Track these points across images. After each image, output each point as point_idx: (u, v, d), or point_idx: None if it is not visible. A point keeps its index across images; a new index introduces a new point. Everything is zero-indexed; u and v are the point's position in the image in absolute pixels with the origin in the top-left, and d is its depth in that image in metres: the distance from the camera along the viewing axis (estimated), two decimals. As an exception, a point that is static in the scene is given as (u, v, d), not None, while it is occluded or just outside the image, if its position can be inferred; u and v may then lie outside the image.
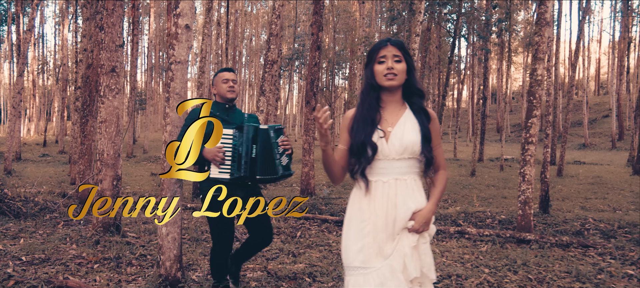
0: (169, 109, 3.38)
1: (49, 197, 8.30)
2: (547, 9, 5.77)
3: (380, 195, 2.12)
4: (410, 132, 2.12)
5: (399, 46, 2.16)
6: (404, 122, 2.15)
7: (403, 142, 2.10)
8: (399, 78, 2.13)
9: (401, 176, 2.12)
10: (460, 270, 4.47)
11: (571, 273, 4.40)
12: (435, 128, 2.21)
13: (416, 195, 2.15)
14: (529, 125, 5.89)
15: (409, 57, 2.18)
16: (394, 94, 2.18)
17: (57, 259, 4.45)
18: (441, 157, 2.23)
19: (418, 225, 2.09)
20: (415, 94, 2.19)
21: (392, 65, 2.12)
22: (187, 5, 3.31)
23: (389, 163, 2.12)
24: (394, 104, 2.19)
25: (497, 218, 7.63)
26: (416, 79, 2.20)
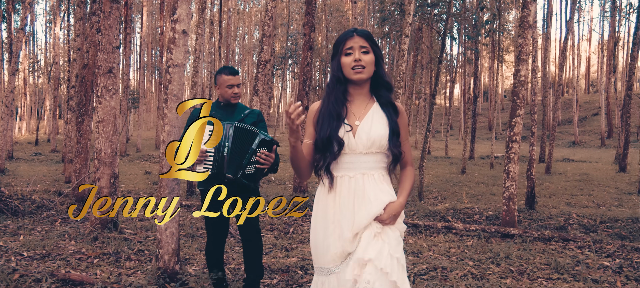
0: (167, 110, 3.56)
1: (44, 196, 8.43)
2: (530, 12, 5.99)
3: (346, 191, 2.05)
4: (378, 125, 2.06)
5: (365, 37, 2.08)
6: (372, 116, 2.08)
7: (371, 136, 2.04)
8: (367, 70, 2.06)
9: (368, 171, 2.06)
10: (445, 263, 4.68)
11: (550, 265, 4.62)
12: (404, 122, 2.15)
13: (387, 189, 2.08)
14: (513, 124, 6.11)
15: (376, 48, 2.11)
16: (362, 87, 2.12)
17: (57, 254, 4.61)
18: (409, 153, 2.18)
19: (387, 216, 2.02)
20: (383, 87, 2.12)
21: (360, 56, 2.04)
22: (184, 11, 3.49)
23: (356, 157, 2.05)
24: (362, 97, 2.13)
25: (485, 214, 7.86)
26: (384, 71, 2.14)
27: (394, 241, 2.03)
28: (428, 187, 12.05)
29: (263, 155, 3.18)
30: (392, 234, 2.04)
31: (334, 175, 2.08)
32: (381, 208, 2.02)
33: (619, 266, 4.62)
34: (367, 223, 2.01)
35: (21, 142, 31.63)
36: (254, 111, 3.58)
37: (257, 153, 3.19)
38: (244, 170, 3.28)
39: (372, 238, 2.00)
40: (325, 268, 2.09)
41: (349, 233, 2.02)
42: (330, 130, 2.03)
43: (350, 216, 2.03)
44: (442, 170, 16.96)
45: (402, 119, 2.14)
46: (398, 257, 2.02)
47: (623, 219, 7.37)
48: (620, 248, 5.26)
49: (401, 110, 2.15)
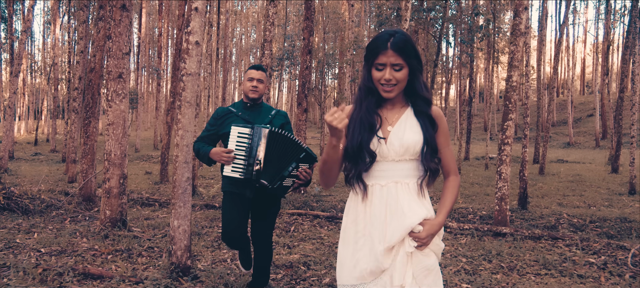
0: (181, 115, 3.81)
1: (51, 195, 8.66)
2: (522, 20, 6.27)
3: (377, 201, 1.91)
4: (412, 132, 1.92)
5: (400, 51, 1.86)
6: (405, 121, 1.95)
7: (404, 142, 1.90)
8: (398, 87, 1.91)
9: (402, 179, 1.92)
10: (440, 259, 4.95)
11: (539, 262, 4.90)
12: (443, 129, 2.00)
13: (422, 200, 1.95)
14: (505, 128, 6.39)
15: (412, 60, 1.90)
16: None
17: (72, 251, 4.85)
18: (451, 161, 2.02)
19: (425, 233, 1.87)
20: (419, 99, 1.97)
21: (391, 76, 1.88)
22: (197, 24, 3.74)
23: (388, 165, 1.92)
24: (395, 103, 2.00)
25: (479, 213, 8.15)
26: (421, 84, 1.97)
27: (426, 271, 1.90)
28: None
29: (304, 171, 3.13)
30: (427, 261, 1.91)
31: (366, 184, 1.94)
32: (416, 221, 1.86)
33: (603, 263, 4.91)
34: (401, 238, 1.86)
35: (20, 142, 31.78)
36: (280, 113, 3.53)
37: (299, 168, 3.12)
38: (282, 181, 3.20)
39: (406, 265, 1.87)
40: (351, 285, 1.93)
41: (381, 246, 1.87)
42: (361, 139, 1.90)
43: (382, 228, 1.89)
44: (438, 170, 17.23)
45: (441, 125, 1.99)
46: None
47: (612, 219, 7.67)
48: (606, 246, 5.55)
49: (439, 116, 1.99)
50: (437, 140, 1.97)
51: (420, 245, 1.87)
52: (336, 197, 10.28)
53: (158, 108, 29.14)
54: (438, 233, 1.94)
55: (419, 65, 1.94)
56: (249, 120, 3.38)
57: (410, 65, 1.90)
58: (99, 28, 8.20)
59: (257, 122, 3.38)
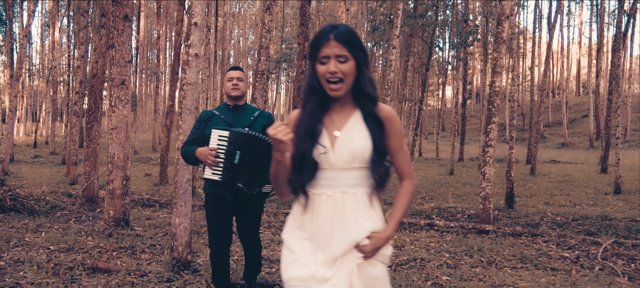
0: (182, 122, 4.14)
1: (54, 197, 8.97)
2: (504, 29, 6.61)
3: (324, 212, 1.81)
4: (359, 137, 1.81)
5: (344, 41, 1.76)
6: (353, 126, 1.84)
7: (351, 149, 1.79)
8: (345, 83, 1.79)
9: (350, 189, 1.81)
10: (424, 255, 5.29)
11: (516, 256, 5.24)
12: (395, 130, 1.88)
13: (370, 212, 1.84)
14: (489, 130, 6.73)
15: (358, 52, 1.80)
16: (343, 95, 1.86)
17: (79, 248, 5.17)
18: (405, 164, 1.91)
19: (370, 248, 1.78)
20: (364, 97, 1.84)
21: (336, 68, 1.76)
22: (196, 37, 4.07)
23: (335, 173, 1.81)
24: (342, 104, 1.88)
25: (467, 213, 8.49)
26: (367, 79, 1.84)
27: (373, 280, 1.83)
28: (417, 187, 12.67)
29: None
30: (373, 270, 1.83)
31: (311, 193, 1.84)
32: (362, 235, 1.79)
33: (576, 257, 5.25)
34: (344, 251, 1.79)
35: (20, 144, 32.02)
36: (264, 113, 3.52)
37: None
38: (260, 188, 3.21)
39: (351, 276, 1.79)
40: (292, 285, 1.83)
41: (324, 256, 1.80)
42: (304, 148, 1.80)
43: (327, 239, 1.81)
44: (431, 171, 17.59)
45: (392, 127, 1.87)
46: None
47: (593, 217, 8.02)
48: (581, 242, 5.89)
49: (390, 117, 1.87)
50: (388, 142, 1.87)
51: (366, 257, 1.79)
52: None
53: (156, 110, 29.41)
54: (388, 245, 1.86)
55: (365, 58, 1.83)
56: (230, 123, 3.41)
57: (356, 58, 1.79)
58: (101, 35, 8.52)
59: (239, 123, 3.40)
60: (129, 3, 6.16)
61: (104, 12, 8.46)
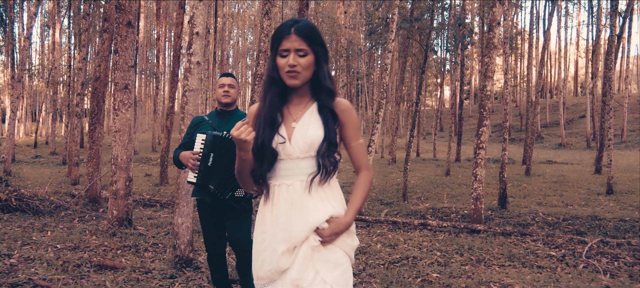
0: (184, 126, 4.35)
1: (58, 197, 9.17)
2: (495, 35, 6.83)
3: (283, 201, 1.88)
4: (314, 127, 1.88)
5: (305, 36, 1.84)
6: (309, 117, 1.90)
7: (307, 138, 1.86)
8: (302, 75, 1.86)
9: (307, 177, 1.87)
10: (417, 253, 5.50)
11: (505, 255, 5.46)
12: (350, 123, 1.95)
13: (330, 198, 1.90)
14: (480, 133, 6.95)
15: (318, 47, 1.89)
16: (301, 88, 1.93)
17: (85, 247, 5.38)
18: (360, 156, 1.96)
19: (329, 232, 1.83)
20: (323, 91, 1.92)
21: (295, 61, 1.83)
22: (198, 46, 4.28)
23: (293, 163, 1.88)
24: (301, 97, 1.95)
25: (461, 213, 8.70)
26: (325, 73, 1.92)
27: (331, 265, 1.84)
28: (413, 188, 12.89)
29: None
30: (332, 255, 1.85)
31: (271, 184, 1.91)
32: (321, 218, 1.84)
33: (562, 255, 5.47)
34: (305, 237, 1.83)
35: (20, 144, 32.19)
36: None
37: None
38: (234, 192, 3.24)
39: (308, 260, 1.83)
40: (260, 285, 1.93)
41: (284, 246, 1.85)
42: (263, 137, 1.87)
43: (286, 228, 1.85)
44: (428, 172, 17.81)
45: (348, 119, 1.94)
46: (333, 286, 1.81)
47: (583, 217, 8.24)
48: (568, 241, 6.11)
49: (346, 110, 1.94)
50: (344, 134, 1.94)
51: (324, 242, 1.84)
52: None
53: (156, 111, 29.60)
54: (349, 231, 1.91)
55: (324, 53, 1.92)
56: (216, 128, 3.47)
57: (316, 52, 1.88)
58: (104, 39, 8.73)
59: (226, 128, 3.44)
60: (132, 10, 6.37)
61: (106, 16, 8.67)
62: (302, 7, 10.94)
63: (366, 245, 5.89)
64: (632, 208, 9.37)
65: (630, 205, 9.85)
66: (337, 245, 1.86)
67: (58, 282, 3.83)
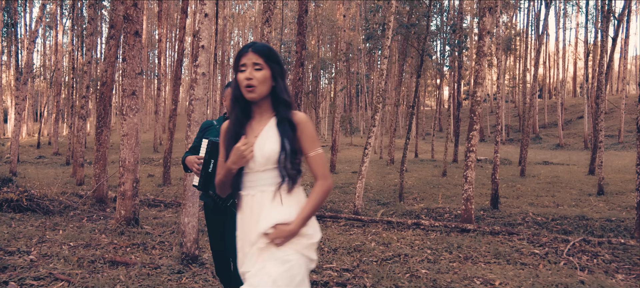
0: (191, 132, 4.69)
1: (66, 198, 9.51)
2: (485, 43, 7.16)
3: (248, 210, 2.09)
4: (271, 142, 2.04)
5: (260, 53, 2.05)
6: (267, 132, 2.07)
7: (264, 153, 2.03)
8: (258, 89, 2.04)
9: (267, 187, 2.06)
10: (408, 251, 5.84)
11: (491, 253, 5.79)
12: (307, 135, 2.09)
13: (283, 206, 2.05)
14: (471, 137, 7.28)
15: (274, 64, 2.08)
16: (261, 103, 2.11)
17: (96, 244, 5.72)
18: (319, 165, 2.09)
19: (273, 236, 1.99)
20: (281, 104, 2.09)
21: (251, 74, 2.03)
22: (203, 58, 4.62)
23: (255, 175, 2.07)
24: (262, 113, 2.13)
25: (454, 213, 9.04)
26: (282, 88, 2.10)
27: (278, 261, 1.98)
28: (409, 188, 13.22)
29: None
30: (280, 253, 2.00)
31: (241, 194, 2.13)
32: (268, 225, 2.01)
33: (545, 253, 5.81)
34: (256, 241, 2.04)
35: (23, 144, 32.51)
36: None
37: None
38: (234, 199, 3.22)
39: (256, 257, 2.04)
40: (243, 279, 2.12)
41: (247, 249, 2.08)
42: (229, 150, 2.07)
43: (250, 234, 2.07)
44: (425, 172, 18.15)
45: (304, 131, 2.08)
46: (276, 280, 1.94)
47: (571, 217, 8.57)
48: (553, 240, 6.45)
49: (302, 122, 2.09)
50: (301, 145, 2.09)
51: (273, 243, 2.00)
52: (338, 205, 11.16)
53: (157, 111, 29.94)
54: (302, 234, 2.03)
55: (280, 70, 2.10)
56: None
57: (272, 68, 2.06)
58: (110, 46, 9.07)
59: None
60: (139, 20, 6.71)
61: (113, 23, 9.01)
62: (302, 13, 11.30)
63: (361, 243, 6.23)
64: (620, 209, 9.70)
65: (619, 205, 10.18)
66: (288, 246, 2.00)
67: (76, 276, 4.17)
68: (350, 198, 11.27)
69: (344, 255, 5.62)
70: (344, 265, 5.13)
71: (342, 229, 7.40)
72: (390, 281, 4.48)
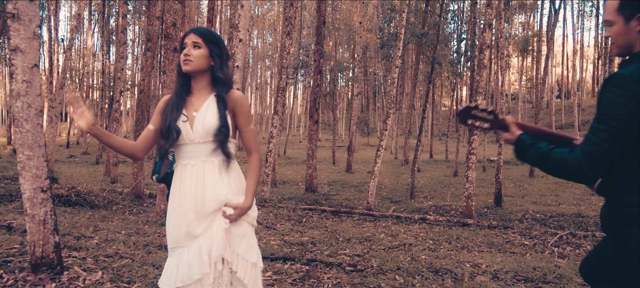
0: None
1: (109, 194, 10.54)
2: (485, 56, 7.94)
3: (189, 178, 2.26)
4: (211, 116, 2.25)
5: (200, 34, 2.28)
6: (207, 107, 2.28)
7: (205, 125, 2.24)
8: (194, 64, 2.26)
9: (208, 158, 2.27)
10: (412, 241, 6.67)
11: (486, 243, 6.59)
12: (242, 112, 2.34)
13: (224, 177, 2.30)
14: (472, 141, 8.07)
15: (212, 45, 2.30)
16: (199, 80, 2.34)
17: (143, 233, 6.67)
18: (251, 140, 2.37)
19: (234, 216, 2.26)
20: (218, 82, 2.32)
21: (189, 51, 2.25)
22: (240, 52, 5.51)
23: (195, 146, 2.27)
24: (202, 90, 2.34)
25: (459, 210, 9.82)
26: (220, 67, 2.32)
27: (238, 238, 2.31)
28: (420, 188, 14.01)
29: None
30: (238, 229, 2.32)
31: (180, 164, 2.32)
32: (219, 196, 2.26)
33: (534, 244, 6.58)
34: (213, 208, 2.26)
35: (53, 144, 33.96)
36: None
37: None
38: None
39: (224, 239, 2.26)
40: (174, 248, 2.30)
41: (192, 214, 2.25)
42: (170, 120, 2.27)
43: (193, 200, 2.25)
44: (437, 172, 18.88)
45: (240, 108, 2.34)
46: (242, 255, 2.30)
47: (568, 214, 9.30)
48: (543, 233, 7.22)
49: (238, 100, 2.34)
50: (237, 121, 2.36)
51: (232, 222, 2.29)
52: (342, 195, 12.03)
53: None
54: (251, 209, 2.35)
55: (219, 50, 2.33)
56: None
57: (210, 48, 2.29)
58: (147, 57, 10.07)
59: None
60: (178, 37, 7.66)
61: (149, 37, 10.00)
62: (320, 23, 12.17)
63: (371, 234, 7.08)
64: (617, 207, 10.34)
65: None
66: (243, 219, 2.34)
67: (137, 255, 5.10)
68: (364, 196, 12.11)
69: (356, 244, 6.47)
70: (355, 252, 5.98)
71: (355, 223, 8.25)
72: (394, 263, 5.32)
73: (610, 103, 1.77)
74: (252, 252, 2.33)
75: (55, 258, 3.99)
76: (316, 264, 5.19)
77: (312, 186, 12.20)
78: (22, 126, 3.67)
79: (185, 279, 2.21)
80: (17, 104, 3.64)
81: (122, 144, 2.30)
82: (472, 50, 13.47)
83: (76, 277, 4.10)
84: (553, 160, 1.92)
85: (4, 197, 9.51)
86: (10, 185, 11.63)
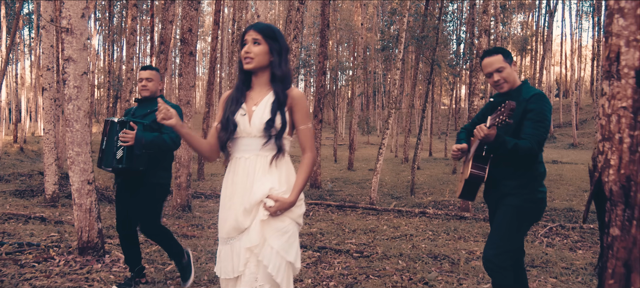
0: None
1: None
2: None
3: (241, 171, 2.27)
4: (270, 112, 2.24)
5: (260, 30, 2.26)
6: (266, 102, 2.26)
7: (263, 120, 2.23)
8: (255, 61, 2.25)
9: (262, 152, 2.26)
10: (413, 232, 7.20)
11: (480, 234, 7.12)
12: (300, 109, 2.32)
13: (274, 171, 2.27)
14: (469, 139, 8.59)
15: (272, 41, 2.27)
16: (260, 76, 2.32)
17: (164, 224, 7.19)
18: (306, 139, 2.33)
19: (274, 209, 2.19)
20: (277, 79, 2.28)
21: (250, 49, 2.24)
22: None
23: (251, 140, 2.26)
24: (261, 86, 2.33)
25: (457, 204, 10.35)
26: (279, 65, 2.29)
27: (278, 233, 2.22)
28: (420, 184, 14.55)
29: (125, 135, 3.48)
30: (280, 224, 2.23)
31: (234, 157, 2.32)
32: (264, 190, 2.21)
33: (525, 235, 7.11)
34: (256, 202, 2.21)
35: (58, 142, 34.46)
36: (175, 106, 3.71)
37: (119, 136, 3.51)
38: (116, 157, 3.57)
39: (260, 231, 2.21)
40: (224, 239, 2.31)
41: (241, 207, 2.23)
42: (229, 112, 2.29)
43: (243, 193, 2.25)
44: (437, 170, 19.41)
45: (298, 106, 2.31)
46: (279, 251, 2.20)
47: (560, 209, 9.82)
48: (534, 225, 7.75)
49: (297, 98, 2.31)
50: (294, 118, 2.33)
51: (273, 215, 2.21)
52: (345, 191, 12.57)
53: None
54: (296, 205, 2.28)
55: (278, 46, 2.30)
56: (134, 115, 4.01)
57: (269, 44, 2.27)
58: (160, 60, 10.58)
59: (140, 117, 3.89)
60: (193, 42, 8.18)
61: (162, 40, 10.51)
62: (324, 27, 12.68)
63: (375, 226, 7.61)
64: (607, 203, 10.87)
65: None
66: (286, 215, 2.26)
67: (163, 242, 5.63)
68: (367, 192, 12.63)
69: (361, 235, 7.00)
70: (361, 241, 6.51)
71: (359, 216, 8.78)
72: (397, 251, 5.85)
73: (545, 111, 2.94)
74: (291, 250, 2.25)
75: (99, 243, 4.52)
76: (326, 251, 5.73)
77: (317, 182, 12.74)
78: (73, 126, 4.20)
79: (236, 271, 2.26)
80: (68, 106, 4.17)
81: (200, 144, 2.36)
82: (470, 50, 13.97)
83: (117, 259, 4.63)
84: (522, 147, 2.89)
85: (26, 192, 10.06)
86: (28, 181, 12.18)
